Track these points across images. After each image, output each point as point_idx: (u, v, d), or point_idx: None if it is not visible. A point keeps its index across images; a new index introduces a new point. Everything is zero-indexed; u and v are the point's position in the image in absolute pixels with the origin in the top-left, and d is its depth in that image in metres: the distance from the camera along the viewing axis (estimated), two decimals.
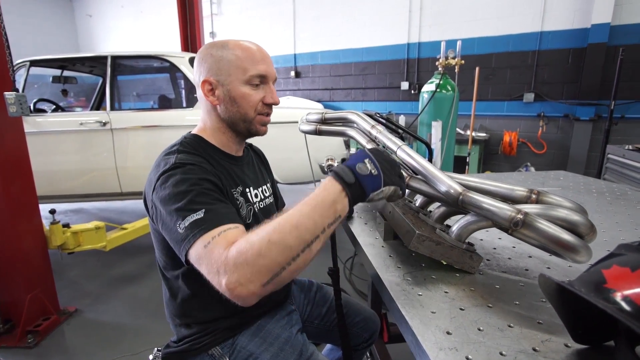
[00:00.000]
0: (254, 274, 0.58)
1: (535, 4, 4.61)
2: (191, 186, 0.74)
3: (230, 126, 0.91)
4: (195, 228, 0.67)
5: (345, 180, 0.64)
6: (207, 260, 0.63)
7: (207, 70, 0.86)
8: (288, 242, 0.59)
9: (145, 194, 0.84)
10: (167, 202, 0.73)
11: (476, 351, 0.51)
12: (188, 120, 2.87)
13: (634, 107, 4.27)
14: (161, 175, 0.78)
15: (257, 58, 0.87)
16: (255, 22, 6.95)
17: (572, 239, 0.59)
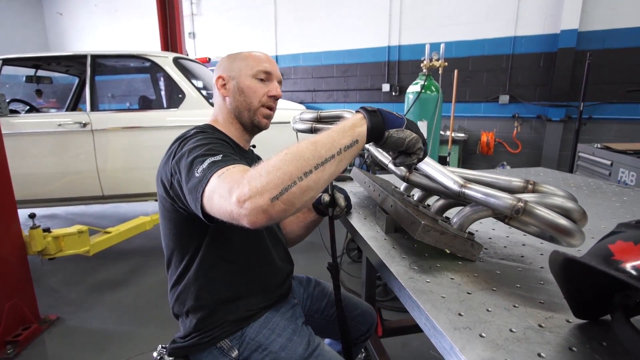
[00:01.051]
0: (264, 185, 0.57)
1: (509, 10, 4.82)
2: (211, 142, 0.80)
3: (236, 116, 0.99)
4: (212, 167, 0.67)
5: (366, 109, 0.69)
6: (219, 186, 0.62)
7: (222, 69, 1.00)
8: (303, 154, 0.60)
9: (163, 169, 0.87)
10: (186, 155, 0.75)
11: (488, 329, 0.55)
12: (170, 121, 2.82)
13: (600, 108, 4.54)
14: (182, 141, 0.83)
15: (263, 59, 1.00)
16: (236, 23, 6.91)
17: (568, 223, 0.64)
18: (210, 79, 3.30)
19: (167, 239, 0.95)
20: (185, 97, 2.77)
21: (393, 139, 0.71)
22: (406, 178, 0.93)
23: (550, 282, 0.70)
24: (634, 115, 4.39)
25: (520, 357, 0.49)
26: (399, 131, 0.71)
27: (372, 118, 0.69)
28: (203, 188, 0.65)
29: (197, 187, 0.67)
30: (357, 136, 0.66)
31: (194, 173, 0.69)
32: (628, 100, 4.31)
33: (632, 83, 4.20)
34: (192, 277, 0.92)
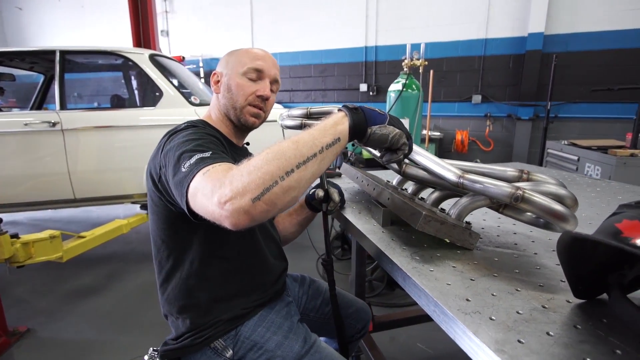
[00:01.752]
0: (245, 185, 0.56)
1: (480, 13, 5.01)
2: (201, 137, 0.78)
3: (225, 114, 0.98)
4: (199, 163, 0.65)
5: (348, 107, 0.69)
6: (203, 185, 0.60)
7: (219, 65, 0.99)
8: (285, 153, 0.59)
9: (152, 162, 0.85)
10: (174, 149, 0.74)
11: (496, 312, 0.56)
12: (146, 120, 2.72)
13: (565, 107, 4.81)
14: (172, 134, 0.81)
15: (258, 56, 0.95)
16: (210, 22, 6.77)
17: (563, 209, 0.67)
18: (188, 77, 3.22)
19: (157, 235, 0.92)
20: (162, 95, 2.68)
21: (376, 135, 0.71)
22: (402, 171, 0.94)
23: (546, 266, 0.74)
24: (596, 114, 4.68)
25: (530, 337, 0.50)
26: (382, 127, 0.70)
27: (353, 115, 0.68)
28: (188, 184, 0.63)
29: (182, 182, 0.65)
30: (339, 134, 0.66)
31: (181, 167, 0.68)
32: (590, 100, 4.59)
33: (593, 83, 4.46)
34: (184, 275, 0.90)
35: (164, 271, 0.92)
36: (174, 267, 0.90)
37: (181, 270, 0.89)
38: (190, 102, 2.73)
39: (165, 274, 0.92)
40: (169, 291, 0.92)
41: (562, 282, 0.67)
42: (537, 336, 0.51)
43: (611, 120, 4.59)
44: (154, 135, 2.67)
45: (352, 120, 0.68)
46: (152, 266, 0.97)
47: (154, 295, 2.38)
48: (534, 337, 0.50)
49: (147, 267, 2.77)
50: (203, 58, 6.93)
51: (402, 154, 0.76)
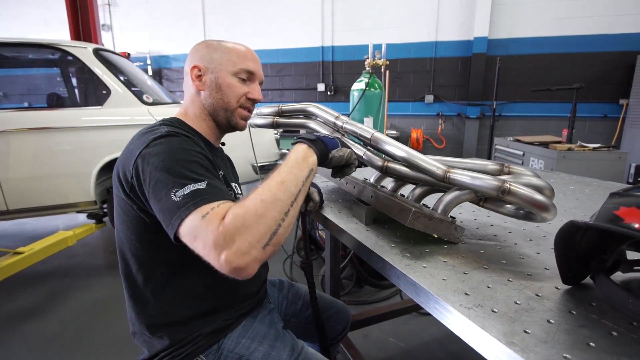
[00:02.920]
0: (254, 236, 0.59)
1: (431, 17, 5.26)
2: (191, 156, 0.71)
3: (211, 114, 0.91)
4: (196, 197, 0.63)
5: (308, 139, 0.77)
6: (204, 232, 0.59)
7: (199, 58, 0.89)
8: (279, 196, 0.64)
9: (122, 167, 0.76)
10: (162, 169, 0.67)
11: (496, 304, 0.57)
12: (90, 121, 2.47)
13: (507, 107, 5.20)
14: (152, 142, 0.72)
15: (248, 57, 0.91)
16: (158, 17, 6.40)
17: (545, 199, 0.69)
18: (137, 74, 2.99)
19: (125, 247, 0.83)
20: (110, 93, 2.46)
21: (336, 158, 0.81)
22: (384, 168, 0.94)
23: (528, 256, 0.77)
24: (534, 113, 5.12)
25: (534, 326, 0.51)
26: (338, 150, 0.82)
27: (317, 146, 0.77)
28: (182, 219, 0.62)
29: (172, 213, 0.63)
30: (311, 165, 0.73)
31: (171, 195, 0.64)
32: (529, 100, 5.02)
33: (531, 85, 4.88)
34: (159, 289, 0.81)
35: (133, 286, 0.83)
36: (146, 281, 0.81)
37: (155, 285, 0.81)
38: (143, 101, 2.54)
39: (135, 288, 0.83)
40: (141, 307, 0.83)
41: (546, 269, 0.70)
42: (539, 325, 0.52)
43: (547, 118, 5.06)
44: (102, 137, 2.45)
45: (318, 150, 0.77)
46: (104, 280, 0.88)
47: (109, 313, 2.19)
48: (537, 326, 0.51)
49: (98, 282, 2.53)
50: (151, 55, 6.52)
51: (354, 167, 0.88)
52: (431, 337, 1.98)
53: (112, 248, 3.16)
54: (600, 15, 4.68)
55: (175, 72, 6.64)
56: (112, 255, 3.01)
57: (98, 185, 2.53)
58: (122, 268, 0.85)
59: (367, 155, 0.99)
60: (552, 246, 0.81)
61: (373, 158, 0.97)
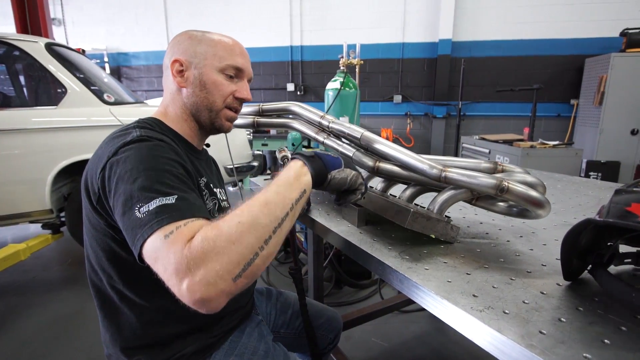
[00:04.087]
0: (223, 265, 0.49)
1: (397, 19, 5.37)
2: (162, 164, 0.62)
3: (193, 114, 0.82)
4: (161, 214, 0.54)
5: (304, 155, 0.68)
6: (164, 254, 0.51)
7: (181, 51, 0.80)
8: (260, 220, 0.54)
9: (89, 175, 0.68)
10: (128, 179, 0.59)
11: (506, 305, 0.56)
12: (40, 122, 2.25)
13: (471, 107, 5.42)
14: (121, 148, 0.64)
15: (237, 51, 0.82)
16: (116, 12, 6.03)
17: (540, 196, 0.70)
18: (95, 72, 2.78)
19: (95, 262, 0.74)
20: (67, 92, 2.26)
21: (336, 180, 0.74)
22: (375, 168, 0.92)
23: (523, 252, 0.77)
24: (495, 112, 5.38)
25: (548, 326, 0.51)
26: (340, 172, 0.74)
27: (313, 164, 0.69)
28: (144, 238, 0.54)
29: (135, 231, 0.55)
30: (304, 186, 0.65)
31: (135, 210, 0.56)
32: (491, 100, 5.26)
33: (493, 86, 5.13)
34: (137, 308, 0.73)
35: (107, 305, 0.74)
36: (121, 300, 0.73)
37: (132, 304, 0.73)
38: (104, 101, 2.36)
39: (109, 307, 0.74)
40: (116, 328, 0.74)
41: (543, 266, 0.71)
42: (553, 324, 0.51)
43: (508, 117, 5.33)
44: (57, 140, 2.24)
45: (314, 169, 0.68)
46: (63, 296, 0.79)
47: (72, 332, 2.01)
48: (551, 325, 0.51)
49: (56, 298, 2.32)
50: (108, 52, 6.14)
51: (359, 193, 0.80)
52: (412, 334, 2.00)
53: (70, 260, 2.92)
54: (552, 20, 5.00)
55: (136, 70, 6.30)
56: (71, 268, 2.78)
57: (54, 192, 2.32)
58: (91, 283, 0.76)
59: (357, 156, 0.96)
60: (542, 242, 0.84)
61: (363, 158, 0.94)
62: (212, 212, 0.80)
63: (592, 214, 1.07)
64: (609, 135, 4.37)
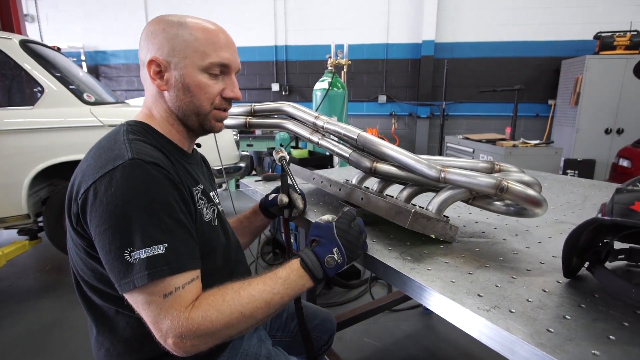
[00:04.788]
0: (214, 340, 0.61)
1: (382, 20, 5.41)
2: (156, 203, 0.60)
3: (180, 118, 0.76)
4: (152, 266, 0.57)
5: (315, 275, 0.69)
6: (163, 314, 0.58)
7: (156, 48, 0.70)
8: (257, 316, 0.64)
9: (73, 189, 0.64)
10: (117, 216, 0.57)
11: (510, 304, 0.57)
12: (14, 123, 2.14)
13: (453, 107, 5.52)
14: (111, 172, 0.59)
15: (221, 43, 0.73)
16: (93, 8, 5.83)
17: (538, 195, 0.71)
18: (74, 70, 2.67)
19: (84, 279, 0.70)
20: (44, 91, 2.16)
21: None
22: (373, 170, 0.91)
23: (520, 251, 0.78)
24: (477, 112, 5.51)
25: (555, 324, 0.51)
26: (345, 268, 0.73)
27: (320, 283, 0.74)
28: (134, 286, 0.58)
29: (124, 275, 0.58)
30: (305, 289, 0.70)
31: (124, 253, 0.57)
32: (473, 101, 5.38)
33: (474, 86, 5.25)
34: (132, 323, 0.70)
35: (101, 319, 0.70)
36: (117, 313, 0.69)
37: (126, 317, 0.69)
38: (84, 100, 2.27)
39: (103, 322, 0.70)
40: (111, 343, 0.71)
41: (541, 264, 0.72)
42: (559, 322, 0.52)
43: (489, 117, 5.46)
44: (34, 142, 2.14)
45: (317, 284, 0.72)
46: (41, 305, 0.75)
47: (52, 343, 1.91)
48: (557, 323, 0.51)
49: (34, 307, 2.21)
50: (85, 50, 5.93)
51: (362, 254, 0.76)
52: (403, 333, 2.01)
53: (48, 267, 2.80)
54: (530, 23, 5.15)
55: (115, 69, 6.11)
56: (49, 275, 2.66)
57: (31, 197, 2.22)
58: (84, 300, 0.72)
59: (354, 157, 0.96)
60: (537, 240, 0.85)
61: (360, 159, 0.94)
62: (212, 220, 0.77)
63: (580, 211, 1.11)
64: (584, 134, 4.54)
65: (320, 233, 0.73)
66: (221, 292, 0.63)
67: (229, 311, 0.60)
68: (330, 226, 0.72)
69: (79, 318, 2.08)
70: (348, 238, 0.71)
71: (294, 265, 0.70)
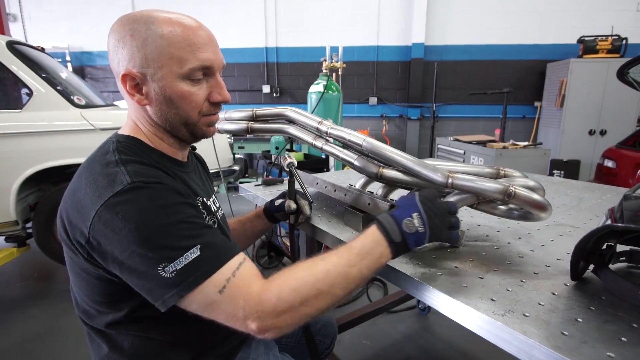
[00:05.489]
0: (294, 319, 0.58)
1: (372, 22, 5.46)
2: (171, 215, 0.58)
3: (168, 131, 0.71)
4: (193, 272, 0.56)
5: (392, 238, 0.64)
6: (227, 306, 0.57)
7: (127, 59, 0.63)
8: (335, 292, 0.61)
9: (70, 221, 0.61)
10: (139, 241, 0.55)
11: (523, 307, 0.58)
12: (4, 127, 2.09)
13: (442, 108, 5.61)
14: (113, 198, 0.56)
15: (198, 42, 0.64)
16: (77, 7, 5.71)
17: (544, 200, 0.73)
18: (63, 72, 2.61)
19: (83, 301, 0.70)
20: (32, 94, 2.11)
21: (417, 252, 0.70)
22: (379, 175, 0.92)
23: (526, 254, 0.80)
24: (465, 114, 5.60)
25: (568, 327, 0.53)
26: (422, 248, 0.65)
27: (398, 250, 0.64)
28: (181, 296, 0.56)
29: (166, 291, 0.56)
30: (382, 264, 0.65)
31: (159, 271, 0.55)
32: (462, 102, 5.47)
33: (463, 89, 5.34)
34: (137, 343, 0.69)
35: (107, 342, 0.70)
36: (126, 335, 0.69)
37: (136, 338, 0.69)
38: (74, 104, 2.22)
39: (109, 344, 0.70)
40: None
41: (547, 267, 0.74)
42: (571, 325, 0.53)
43: (478, 119, 5.57)
44: (23, 146, 2.08)
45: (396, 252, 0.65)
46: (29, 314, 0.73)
47: (40, 352, 1.86)
48: (570, 326, 0.53)
49: (21, 317, 2.15)
50: (71, 51, 5.80)
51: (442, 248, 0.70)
52: (401, 334, 2.03)
53: (36, 274, 2.72)
54: (516, 27, 5.28)
55: (101, 70, 5.99)
56: (36, 283, 2.59)
57: (19, 202, 2.16)
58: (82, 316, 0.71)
59: (359, 162, 0.96)
60: (540, 243, 0.87)
61: (366, 165, 0.94)
62: None
63: (577, 213, 1.14)
64: (569, 135, 4.67)
65: (401, 199, 0.69)
66: (292, 270, 0.62)
67: (304, 288, 0.58)
68: (414, 193, 0.68)
69: (69, 326, 2.03)
70: (432, 208, 0.64)
71: (368, 232, 0.65)
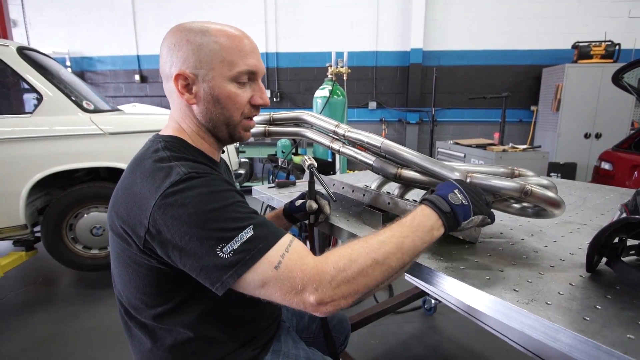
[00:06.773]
0: (351, 291, 0.58)
1: (371, 27, 5.54)
2: (225, 200, 0.62)
3: (210, 130, 0.77)
4: (250, 250, 0.58)
5: (441, 209, 0.67)
6: (284, 281, 0.58)
7: (182, 60, 0.70)
8: (391, 262, 0.61)
9: (126, 217, 0.65)
10: (197, 224, 0.58)
11: (544, 297, 0.62)
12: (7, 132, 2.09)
13: (441, 112, 5.68)
14: (171, 188, 0.61)
15: (247, 49, 0.72)
16: (77, 13, 5.73)
17: (558, 197, 0.78)
18: (71, 78, 2.63)
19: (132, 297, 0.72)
20: (42, 99, 2.13)
21: (464, 230, 0.73)
22: (397, 175, 0.96)
23: (540, 249, 0.85)
24: (463, 118, 5.69)
25: (589, 313, 0.57)
26: (469, 222, 0.70)
27: (449, 222, 0.68)
28: (239, 275, 0.58)
29: (225, 271, 0.58)
30: (435, 238, 0.67)
31: (217, 252, 0.58)
32: (460, 107, 5.55)
33: (460, 93, 5.43)
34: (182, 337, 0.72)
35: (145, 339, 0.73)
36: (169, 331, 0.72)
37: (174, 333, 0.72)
38: (83, 108, 2.25)
39: (147, 342, 0.73)
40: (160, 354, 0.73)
41: (562, 260, 0.78)
42: (591, 311, 0.58)
43: (476, 123, 5.65)
44: (32, 151, 2.10)
45: (448, 226, 0.68)
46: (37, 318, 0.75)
47: (48, 358, 1.86)
48: (590, 312, 0.57)
49: (29, 322, 2.15)
50: (71, 56, 5.81)
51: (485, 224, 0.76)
52: (407, 334, 2.06)
53: (41, 279, 2.73)
54: (511, 32, 5.39)
55: (101, 75, 6.00)
56: (42, 287, 2.59)
57: (28, 206, 2.17)
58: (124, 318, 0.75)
59: (377, 163, 1.01)
60: (552, 239, 0.92)
61: (385, 166, 0.99)
62: None
63: (583, 212, 1.19)
64: (566, 138, 4.76)
65: (439, 186, 0.75)
66: (345, 245, 0.63)
67: (360, 258, 0.59)
68: (449, 181, 0.75)
69: (74, 332, 2.04)
70: (469, 187, 0.72)
71: (417, 209, 0.69)
